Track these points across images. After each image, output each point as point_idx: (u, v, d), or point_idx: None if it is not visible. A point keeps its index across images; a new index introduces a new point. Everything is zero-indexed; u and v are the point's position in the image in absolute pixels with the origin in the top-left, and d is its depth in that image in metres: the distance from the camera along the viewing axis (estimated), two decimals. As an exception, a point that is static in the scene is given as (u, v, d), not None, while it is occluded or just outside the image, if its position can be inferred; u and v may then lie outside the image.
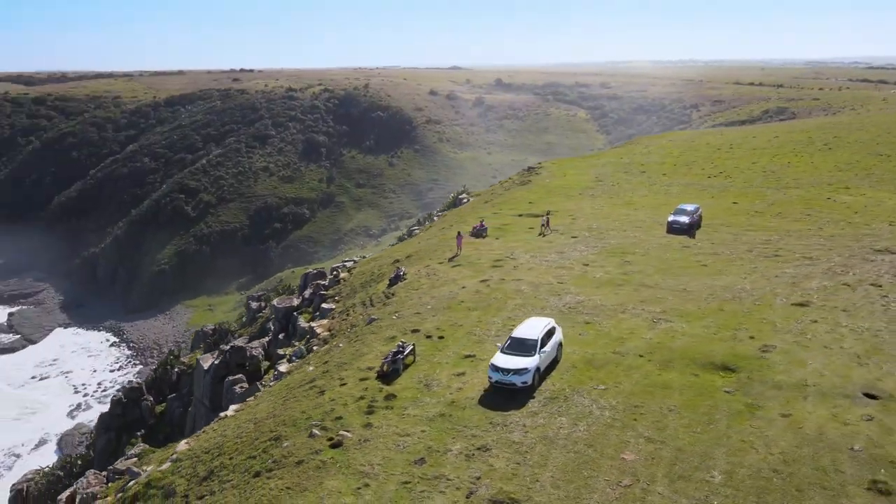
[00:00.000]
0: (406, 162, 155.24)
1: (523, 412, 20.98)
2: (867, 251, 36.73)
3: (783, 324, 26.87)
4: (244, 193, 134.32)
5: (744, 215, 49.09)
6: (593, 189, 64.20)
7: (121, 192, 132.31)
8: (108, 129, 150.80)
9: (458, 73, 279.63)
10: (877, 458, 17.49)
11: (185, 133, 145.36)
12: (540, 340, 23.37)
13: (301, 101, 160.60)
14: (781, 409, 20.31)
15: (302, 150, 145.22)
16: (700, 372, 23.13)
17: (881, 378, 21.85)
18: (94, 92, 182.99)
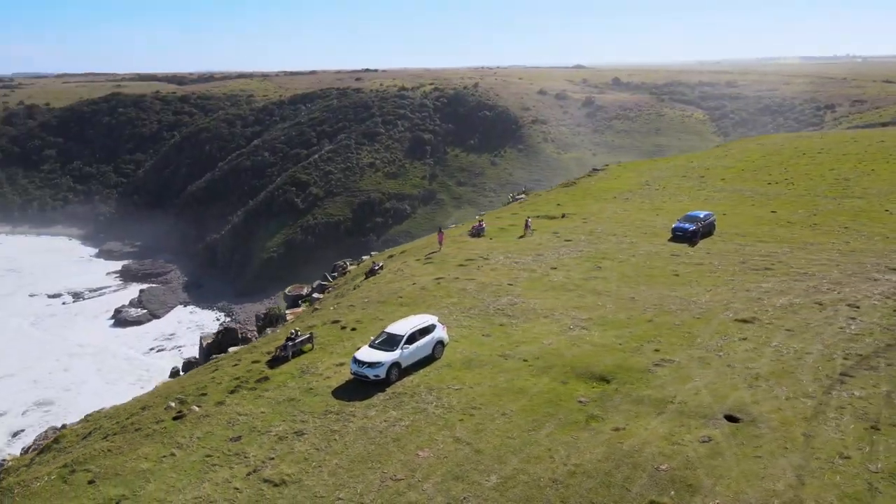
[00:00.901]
0: (509, 161, 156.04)
1: (364, 404, 21.92)
2: (879, 269, 33.98)
3: (705, 340, 25.79)
4: (350, 188, 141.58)
5: (770, 225, 46.60)
6: (633, 193, 63.25)
7: (242, 184, 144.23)
8: (237, 125, 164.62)
9: (577, 72, 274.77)
10: (675, 480, 16.79)
11: (302, 129, 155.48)
12: (407, 337, 24.16)
13: (412, 99, 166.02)
14: (619, 424, 19.75)
15: (408, 147, 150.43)
16: (571, 380, 22.82)
17: (759, 401, 20.61)
18: (231, 91, 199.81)
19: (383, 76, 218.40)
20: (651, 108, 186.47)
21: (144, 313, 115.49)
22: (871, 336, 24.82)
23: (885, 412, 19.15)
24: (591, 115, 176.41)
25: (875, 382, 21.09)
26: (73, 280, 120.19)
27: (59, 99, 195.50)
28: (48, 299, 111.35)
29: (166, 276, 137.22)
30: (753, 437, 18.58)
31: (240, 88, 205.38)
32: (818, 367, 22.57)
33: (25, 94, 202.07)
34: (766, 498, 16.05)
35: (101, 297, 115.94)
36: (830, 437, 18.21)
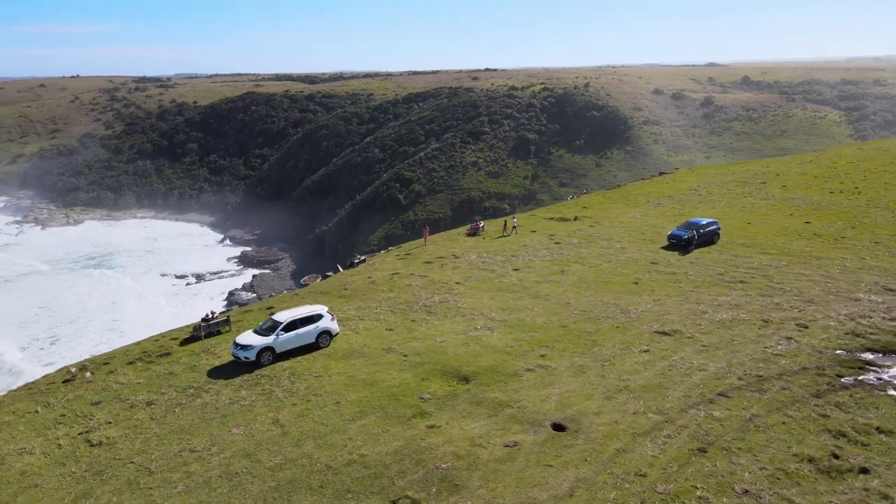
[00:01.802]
0: (614, 163, 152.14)
1: (225, 383, 23.55)
2: (872, 290, 31.18)
3: (604, 349, 25.24)
4: (452, 186, 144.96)
5: (789, 237, 43.59)
6: (671, 198, 61.27)
7: (352, 179, 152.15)
8: (353, 123, 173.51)
9: (705, 71, 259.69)
10: (446, 479, 17.01)
11: (411, 128, 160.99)
12: (286, 325, 25.64)
13: (519, 99, 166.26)
14: (439, 422, 20.00)
15: (512, 147, 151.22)
16: (433, 378, 23.23)
17: (601, 413, 20.12)
18: (353, 90, 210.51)
19: (499, 76, 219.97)
20: (778, 108, 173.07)
21: (253, 297, 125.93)
22: (791, 357, 23.30)
23: (729, 436, 18.20)
24: (708, 115, 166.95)
25: (747, 405, 19.95)
26: (199, 263, 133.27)
27: (206, 97, 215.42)
28: (175, 279, 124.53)
29: (278, 264, 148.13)
30: (562, 447, 18.34)
31: (361, 87, 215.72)
32: (700, 385, 21.60)
33: (178, 93, 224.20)
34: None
35: (220, 280, 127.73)
36: (644, 455, 17.60)
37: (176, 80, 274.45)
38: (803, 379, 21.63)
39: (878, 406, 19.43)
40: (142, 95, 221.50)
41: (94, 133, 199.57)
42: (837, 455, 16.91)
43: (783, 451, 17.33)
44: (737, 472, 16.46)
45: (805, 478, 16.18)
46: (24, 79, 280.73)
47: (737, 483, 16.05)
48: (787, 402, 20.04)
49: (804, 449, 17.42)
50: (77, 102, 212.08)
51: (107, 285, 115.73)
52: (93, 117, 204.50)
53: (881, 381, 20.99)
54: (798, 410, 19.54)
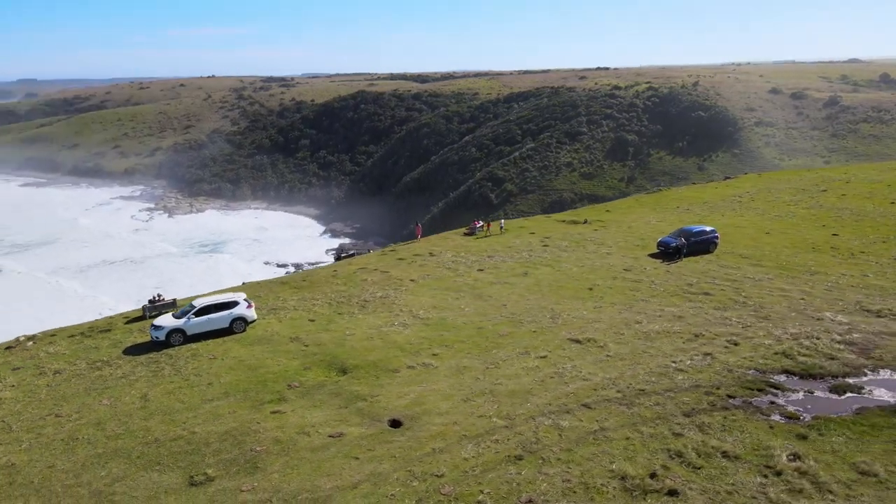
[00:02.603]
0: (719, 167, 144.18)
1: (130, 359, 25.67)
2: (845, 310, 28.77)
3: (502, 352, 25.08)
4: (544, 186, 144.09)
5: (797, 249, 40.62)
6: (707, 204, 58.30)
7: (448, 177, 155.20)
8: (454, 122, 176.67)
9: (840, 68, 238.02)
10: (250, 461, 17.85)
11: (509, 127, 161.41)
12: (198, 310, 27.44)
13: (621, 99, 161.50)
14: (288, 409, 20.84)
15: (609, 148, 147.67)
16: (315, 368, 24.09)
17: (447, 413, 20.24)
18: (459, 89, 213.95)
19: (608, 75, 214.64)
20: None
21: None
22: (692, 374, 22.22)
23: (558, 447, 17.87)
24: (831, 117, 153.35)
25: (603, 418, 19.40)
26: (300, 253, 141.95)
27: (322, 96, 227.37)
28: (276, 267, 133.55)
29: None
30: (382, 442, 18.68)
31: (468, 87, 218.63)
32: (570, 395, 21.12)
33: (297, 92, 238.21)
34: (299, 491, 16.38)
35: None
36: (457, 457, 17.64)
37: (299, 79, 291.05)
38: (686, 396, 20.64)
39: (746, 430, 18.36)
40: (265, 94, 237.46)
41: (222, 129, 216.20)
42: (655, 475, 16.32)
43: (601, 466, 16.91)
44: (535, 482, 16.27)
45: (603, 493, 15.77)
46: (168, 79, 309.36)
47: (525, 492, 15.89)
48: (648, 418, 19.31)
49: (626, 466, 16.88)
50: (209, 101, 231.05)
51: (216, 270, 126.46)
52: (221, 114, 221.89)
53: (772, 405, 19.81)
54: (653, 427, 18.78)
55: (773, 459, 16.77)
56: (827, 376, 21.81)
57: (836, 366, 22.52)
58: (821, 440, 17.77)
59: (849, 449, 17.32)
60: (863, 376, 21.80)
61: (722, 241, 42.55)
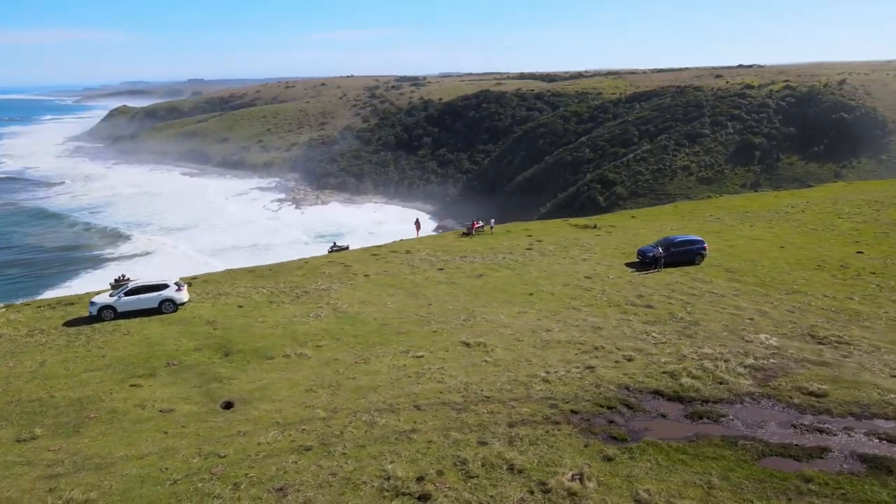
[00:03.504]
0: (859, 174, 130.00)
1: (61, 329, 28.62)
2: (791, 332, 26.61)
3: (382, 349, 25.61)
4: (656, 190, 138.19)
5: (799, 265, 37.60)
6: (748, 213, 55.07)
7: (559, 178, 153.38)
8: (571, 122, 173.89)
9: None
10: (65, 424, 19.54)
11: (626, 128, 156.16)
12: (129, 290, 30.20)
13: (751, 99, 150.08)
14: (142, 383, 22.60)
15: (732, 151, 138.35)
16: (207, 350, 25.81)
17: (283, 401, 21.00)
18: (583, 88, 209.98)
19: (746, 73, 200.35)
20: None
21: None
22: (553, 385, 21.63)
23: (353, 442, 18.25)
24: None
25: (425, 419, 19.49)
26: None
27: (449, 95, 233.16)
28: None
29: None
30: (198, 420, 19.82)
31: (592, 86, 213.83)
32: (411, 395, 21.26)
33: (426, 91, 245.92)
34: (93, 456, 17.71)
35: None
36: (251, 443, 18.39)
37: (431, 79, 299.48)
38: (526, 407, 20.13)
39: (554, 446, 17.84)
40: (396, 93, 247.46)
41: (353, 126, 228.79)
42: (422, 479, 16.36)
43: (378, 465, 17.06)
44: (302, 472, 16.68)
45: (357, 490, 16.00)
46: (311, 78, 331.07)
47: (286, 480, 16.36)
48: (470, 424, 19.16)
49: (401, 468, 16.93)
50: (344, 99, 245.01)
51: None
52: (354, 112, 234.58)
53: (609, 424, 19.07)
54: (464, 434, 18.60)
55: (553, 477, 16.30)
56: (697, 401, 20.42)
57: (719, 391, 21.04)
58: (625, 464, 16.95)
59: (647, 476, 16.41)
60: (738, 404, 20.23)
61: (722, 254, 40.28)
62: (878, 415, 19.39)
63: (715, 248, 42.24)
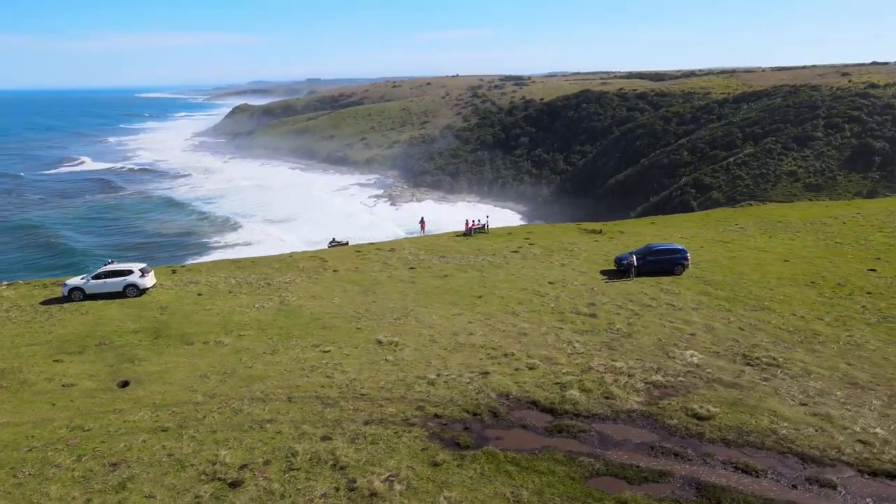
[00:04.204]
0: None
1: (32, 305, 31.74)
2: (724, 352, 25.14)
3: (298, 342, 26.50)
4: (757, 196, 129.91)
5: (792, 281, 35.27)
6: (777, 224, 52.28)
7: (653, 181, 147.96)
8: (672, 123, 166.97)
9: None
10: None
11: (730, 130, 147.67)
12: (95, 274, 32.84)
13: (875, 99, 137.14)
14: (63, 359, 24.52)
15: (848, 156, 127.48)
16: (142, 332, 27.99)
17: (174, 384, 22.46)
18: (690, 88, 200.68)
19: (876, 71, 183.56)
20: None
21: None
22: (430, 387, 21.74)
23: (210, 427, 19.14)
24: None
25: (289, 411, 20.03)
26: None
27: (551, 94, 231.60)
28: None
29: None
30: (90, 396, 21.37)
31: (700, 86, 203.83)
32: (292, 387, 21.94)
33: (529, 91, 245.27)
34: None
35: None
36: (120, 419, 19.75)
37: (535, 78, 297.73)
38: (393, 407, 20.40)
39: (392, 447, 17.97)
40: (498, 92, 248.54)
41: (453, 125, 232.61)
42: (246, 467, 17.09)
43: (214, 450, 17.93)
44: (145, 451, 17.91)
45: (181, 470, 16.88)
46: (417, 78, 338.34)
47: (124, 456, 17.59)
48: (328, 419, 19.56)
49: (233, 454, 17.71)
50: (447, 98, 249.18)
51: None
52: (455, 111, 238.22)
53: (465, 430, 19.00)
54: (315, 428, 19.07)
55: (365, 477, 16.59)
56: (569, 414, 19.92)
57: (598, 406, 20.37)
58: (449, 470, 16.93)
59: (460, 484, 16.35)
60: (609, 421, 19.59)
61: (714, 265, 38.40)
62: (752, 443, 18.27)
63: (711, 258, 40.46)
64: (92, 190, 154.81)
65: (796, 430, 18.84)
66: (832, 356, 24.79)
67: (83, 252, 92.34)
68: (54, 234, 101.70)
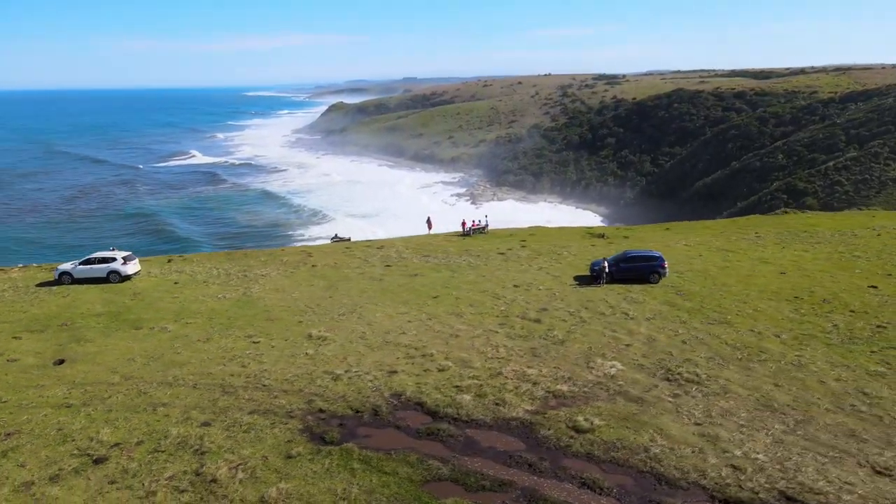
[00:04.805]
0: None
1: (30, 288, 34.42)
2: (651, 365, 23.96)
3: (239, 331, 27.56)
4: (857, 204, 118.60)
5: (778, 294, 32.83)
6: (801, 235, 49.08)
7: (742, 185, 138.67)
8: (768, 124, 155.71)
9: None
10: None
11: (832, 132, 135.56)
12: (84, 260, 35.34)
13: None
14: (21, 336, 26.21)
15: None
16: (105, 315, 29.89)
17: (99, 365, 23.88)
18: (794, 87, 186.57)
19: None
20: None
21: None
22: (322, 381, 22.16)
23: (99, 406, 20.34)
24: None
25: (187, 395, 21.08)
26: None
27: (644, 93, 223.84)
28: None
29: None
30: (23, 372, 23.08)
31: (806, 84, 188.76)
32: (203, 374, 22.96)
33: (621, 90, 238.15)
34: None
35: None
36: (37, 394, 21.05)
37: (629, 77, 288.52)
38: (284, 399, 20.75)
39: (259, 437, 18.61)
40: (588, 91, 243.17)
41: (541, 125, 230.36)
42: (118, 445, 18.11)
43: (98, 427, 19.04)
44: (41, 426, 19.36)
45: (60, 444, 18.06)
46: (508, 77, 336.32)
47: (20, 429, 19.01)
48: (219, 407, 20.35)
49: (114, 433, 18.80)
50: (536, 97, 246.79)
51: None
52: (544, 111, 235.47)
53: (335, 426, 19.35)
54: (204, 414, 19.76)
55: (215, 463, 17.27)
56: (448, 418, 19.80)
57: (483, 412, 20.10)
58: (300, 464, 17.35)
59: (301, 476, 16.72)
60: (486, 428, 19.23)
61: (698, 275, 36.64)
62: (616, 460, 17.50)
63: (702, 268, 38.59)
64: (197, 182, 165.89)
65: (671, 450, 17.93)
66: (763, 376, 23.21)
67: (185, 239, 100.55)
68: (163, 222, 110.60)
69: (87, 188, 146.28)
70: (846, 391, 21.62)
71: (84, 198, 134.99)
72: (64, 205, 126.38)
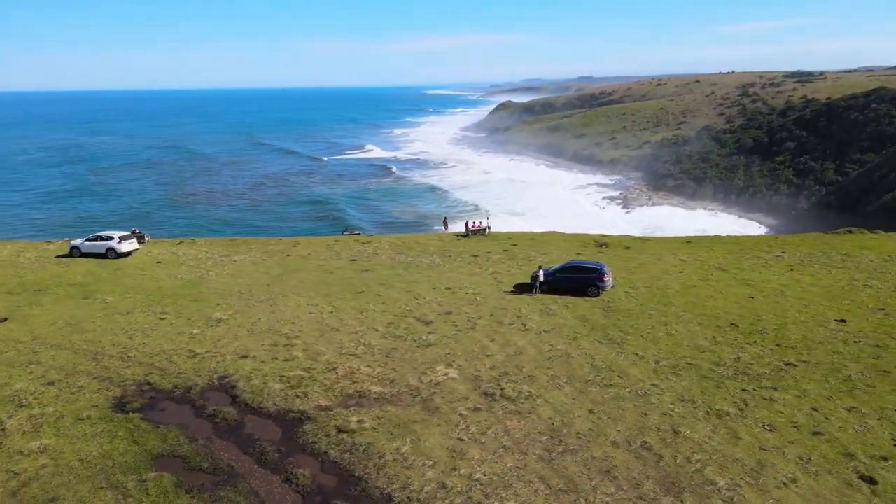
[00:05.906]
0: None
1: (44, 260, 40.14)
2: (487, 387, 23.70)
3: (150, 307, 30.28)
4: None
5: (710, 319, 30.46)
6: (818, 257, 44.57)
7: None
8: None
9: None
10: None
11: None
12: (87, 239, 40.64)
13: None
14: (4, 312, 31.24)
15: None
16: (74, 286, 33.82)
17: (30, 332, 27.31)
18: None
19: None
20: None
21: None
22: (184, 360, 24.51)
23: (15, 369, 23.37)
24: None
25: (52, 366, 24.24)
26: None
27: (841, 93, 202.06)
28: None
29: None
30: None
31: None
32: (96, 343, 25.69)
33: (812, 89, 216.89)
34: None
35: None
36: None
37: (827, 74, 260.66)
38: (130, 371, 23.51)
39: (73, 401, 21.21)
40: (773, 91, 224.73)
41: (713, 126, 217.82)
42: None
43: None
44: None
45: None
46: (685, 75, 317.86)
47: None
48: (77, 371, 23.20)
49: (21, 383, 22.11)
50: (711, 97, 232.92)
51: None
52: (718, 111, 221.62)
53: (114, 396, 21.71)
54: (55, 375, 22.94)
55: (15, 418, 20.20)
56: (241, 403, 21.47)
57: (281, 402, 21.51)
58: (76, 424, 19.79)
59: (63, 434, 19.13)
60: (254, 414, 20.95)
61: (653, 293, 34.62)
62: (320, 452, 18.59)
63: (662, 286, 36.27)
64: (369, 174, 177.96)
65: (403, 460, 18.32)
66: (589, 402, 22.10)
67: (353, 225, 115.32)
68: (337, 209, 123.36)
69: (274, 176, 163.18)
70: (657, 427, 20.12)
71: (270, 185, 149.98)
72: (251, 192, 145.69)
